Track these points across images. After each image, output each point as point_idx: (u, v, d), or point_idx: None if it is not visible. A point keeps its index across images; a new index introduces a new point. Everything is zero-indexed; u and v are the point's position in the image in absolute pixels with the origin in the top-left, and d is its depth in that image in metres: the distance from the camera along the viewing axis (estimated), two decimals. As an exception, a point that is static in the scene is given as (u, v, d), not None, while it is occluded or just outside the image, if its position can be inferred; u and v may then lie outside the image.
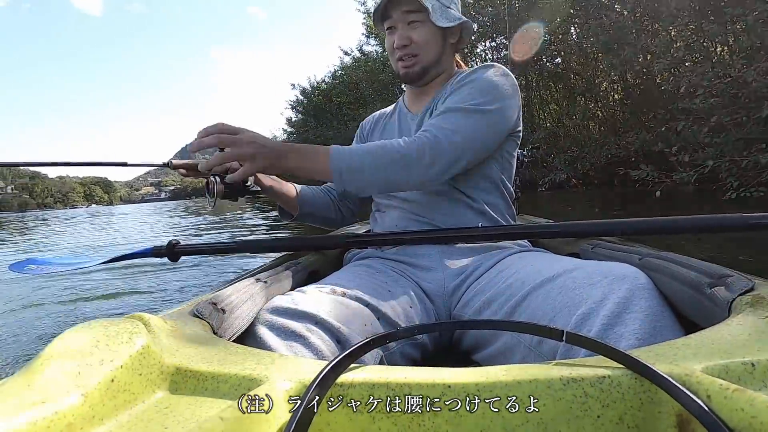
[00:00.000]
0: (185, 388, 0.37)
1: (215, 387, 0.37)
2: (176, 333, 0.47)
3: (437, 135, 0.76)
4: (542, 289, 0.62)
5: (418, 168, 0.74)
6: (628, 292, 0.52)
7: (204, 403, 0.35)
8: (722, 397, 0.28)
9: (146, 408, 0.34)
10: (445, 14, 0.87)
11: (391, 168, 0.74)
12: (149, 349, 0.38)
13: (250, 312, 0.61)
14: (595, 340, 0.36)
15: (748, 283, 0.49)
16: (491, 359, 0.68)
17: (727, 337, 0.38)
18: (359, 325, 0.63)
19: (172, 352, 0.41)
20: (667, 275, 0.59)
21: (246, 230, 6.55)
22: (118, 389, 0.34)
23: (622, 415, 0.32)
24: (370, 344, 0.40)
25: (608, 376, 0.33)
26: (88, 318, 1.13)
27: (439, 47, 0.90)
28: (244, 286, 0.66)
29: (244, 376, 0.36)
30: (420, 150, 0.74)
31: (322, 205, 1.03)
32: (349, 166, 0.74)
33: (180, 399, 0.36)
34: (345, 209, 1.07)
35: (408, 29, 0.87)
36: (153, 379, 0.37)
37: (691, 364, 0.33)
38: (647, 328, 0.49)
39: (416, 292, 0.79)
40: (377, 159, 0.74)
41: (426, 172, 0.75)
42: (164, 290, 2.82)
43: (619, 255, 0.76)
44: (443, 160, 0.76)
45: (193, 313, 0.55)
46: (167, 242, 0.88)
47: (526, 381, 0.33)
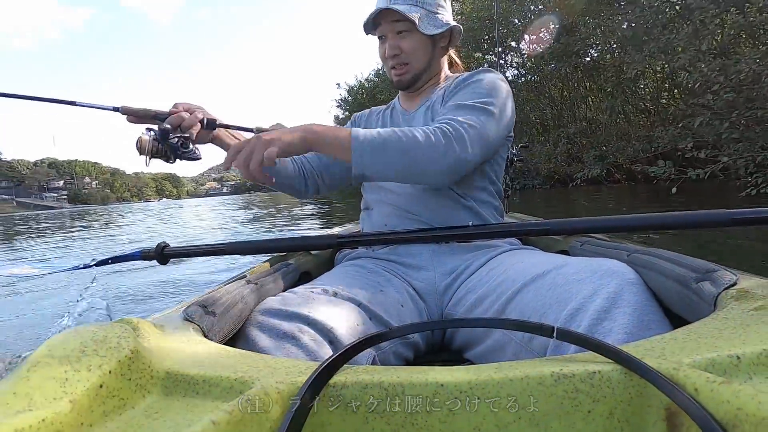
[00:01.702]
0: (176, 392, 0.37)
1: (207, 390, 0.36)
2: (166, 337, 0.46)
3: (456, 126, 0.74)
4: (532, 286, 0.62)
5: (443, 154, 0.72)
6: (617, 287, 0.53)
7: (195, 407, 0.35)
8: (709, 390, 0.29)
9: (136, 414, 0.34)
10: (433, 21, 0.88)
11: (415, 152, 0.71)
12: (138, 354, 0.37)
13: (241, 314, 0.61)
14: (585, 335, 0.37)
15: (733, 277, 0.50)
16: (483, 356, 0.69)
17: (713, 331, 0.38)
18: (351, 325, 0.63)
19: (162, 356, 0.40)
20: (655, 271, 0.60)
21: (291, 221, 6.70)
22: (107, 395, 0.34)
23: (612, 409, 0.33)
24: (363, 344, 0.40)
25: (598, 372, 0.33)
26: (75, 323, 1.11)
27: (428, 54, 0.91)
28: (234, 288, 0.66)
29: (236, 379, 0.36)
30: (445, 136, 0.72)
31: (289, 171, 0.99)
32: (372, 145, 0.70)
33: (171, 404, 0.35)
34: (312, 182, 1.03)
35: (397, 39, 0.88)
36: (143, 384, 0.37)
37: (678, 358, 0.33)
38: (636, 323, 0.50)
39: (408, 291, 0.79)
40: (401, 141, 0.71)
41: (450, 158, 0.73)
42: (153, 294, 2.78)
43: (608, 252, 0.77)
44: (463, 148, 0.74)
45: (183, 316, 0.54)
46: (156, 245, 0.87)
47: (518, 378, 0.34)
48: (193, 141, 0.82)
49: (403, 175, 0.74)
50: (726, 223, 0.58)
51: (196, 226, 8.50)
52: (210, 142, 0.88)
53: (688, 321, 0.47)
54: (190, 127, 0.80)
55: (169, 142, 0.74)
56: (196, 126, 0.81)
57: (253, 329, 0.58)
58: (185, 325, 0.52)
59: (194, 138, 0.82)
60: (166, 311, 0.60)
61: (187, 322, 0.53)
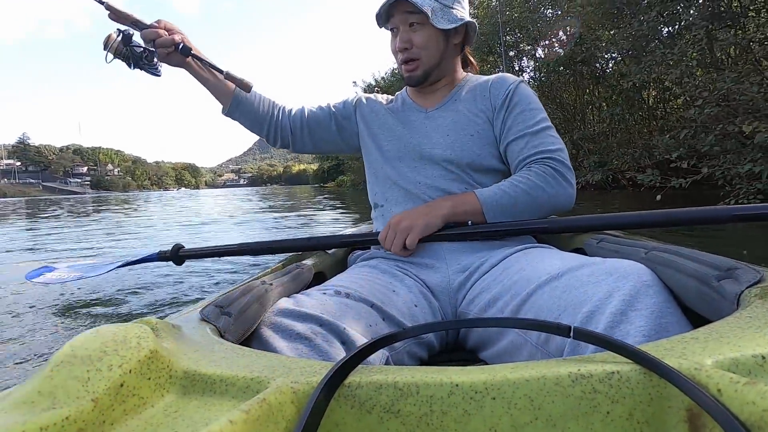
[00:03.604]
0: (194, 391, 0.38)
1: (224, 390, 0.37)
2: (184, 337, 0.47)
3: (555, 157, 0.84)
4: (548, 287, 0.62)
5: (565, 190, 0.83)
6: (634, 290, 0.52)
7: (213, 406, 0.35)
8: (733, 391, 0.28)
9: (155, 412, 0.35)
10: (447, 15, 0.87)
11: (542, 199, 0.81)
12: (157, 354, 0.38)
13: (256, 315, 0.62)
14: (602, 335, 0.36)
15: (757, 274, 0.49)
16: (498, 357, 0.68)
17: (736, 330, 0.37)
18: (364, 326, 0.63)
19: (179, 356, 0.41)
20: (674, 269, 0.58)
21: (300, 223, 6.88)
22: (127, 394, 0.34)
23: (632, 410, 0.32)
24: (377, 344, 0.40)
25: (617, 372, 0.33)
26: (96, 323, 1.14)
27: (440, 49, 0.90)
28: (249, 289, 0.67)
29: (253, 379, 0.36)
30: (558, 173, 0.83)
31: (260, 112, 1.01)
32: (502, 207, 0.81)
33: (189, 402, 0.36)
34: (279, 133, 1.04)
35: (409, 32, 0.88)
36: (161, 383, 0.37)
37: (700, 358, 0.33)
38: (653, 325, 0.49)
39: (421, 291, 0.79)
40: (528, 195, 0.81)
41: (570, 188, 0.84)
42: (171, 294, 2.83)
43: (625, 249, 0.76)
44: (570, 175, 0.85)
45: (199, 317, 0.55)
46: (171, 246, 0.88)
47: (534, 378, 0.33)
48: (160, 58, 0.86)
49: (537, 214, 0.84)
50: (728, 219, 0.59)
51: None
52: (179, 66, 0.91)
53: (709, 320, 0.46)
54: (162, 45, 0.84)
55: (133, 49, 0.78)
56: (169, 47, 0.85)
57: (267, 330, 0.58)
58: (202, 326, 0.53)
59: (162, 56, 0.86)
60: (183, 312, 0.61)
61: (204, 322, 0.54)
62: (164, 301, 2.67)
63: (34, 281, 0.95)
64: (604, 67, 11.31)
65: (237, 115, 1.00)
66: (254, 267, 3.16)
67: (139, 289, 3.03)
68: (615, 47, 9.43)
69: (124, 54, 0.78)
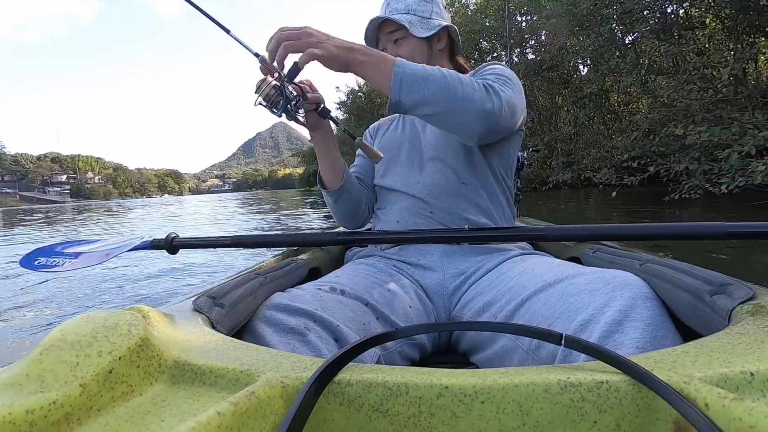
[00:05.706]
0: (183, 381, 0.37)
1: (213, 381, 0.37)
2: (175, 326, 0.47)
3: (490, 84, 0.75)
4: (543, 294, 0.62)
5: (481, 94, 0.73)
6: (630, 300, 0.52)
7: (201, 397, 0.35)
8: (720, 406, 0.28)
9: (143, 400, 0.35)
10: (425, 24, 0.93)
11: (456, 89, 0.71)
12: (148, 342, 0.38)
13: (249, 308, 0.61)
14: (593, 344, 0.36)
15: (749, 291, 0.49)
16: (489, 361, 0.68)
17: (726, 345, 0.37)
18: (358, 323, 0.63)
19: (170, 345, 0.41)
20: (667, 282, 0.58)
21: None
22: (116, 381, 0.34)
23: (619, 420, 0.32)
24: (369, 343, 0.40)
25: (606, 382, 0.33)
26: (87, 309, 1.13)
27: (425, 57, 0.94)
28: (244, 281, 0.66)
29: (242, 371, 0.36)
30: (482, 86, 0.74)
31: (358, 191, 0.99)
32: (413, 72, 0.71)
33: (177, 392, 0.36)
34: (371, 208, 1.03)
35: (395, 48, 0.94)
36: (151, 371, 0.37)
37: (689, 372, 0.33)
38: (647, 337, 0.49)
39: (416, 292, 0.79)
40: (445, 77, 0.71)
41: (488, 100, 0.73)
42: (164, 284, 2.82)
43: (620, 260, 0.76)
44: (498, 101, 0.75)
45: (192, 307, 0.55)
46: (166, 235, 0.88)
47: (524, 384, 0.33)
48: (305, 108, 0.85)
49: (440, 110, 0.72)
50: (722, 236, 0.59)
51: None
52: (312, 128, 0.89)
53: (701, 334, 0.46)
54: (313, 101, 0.83)
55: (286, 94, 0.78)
56: (313, 105, 0.84)
57: (260, 323, 0.58)
58: (194, 316, 0.52)
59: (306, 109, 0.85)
60: (175, 301, 0.61)
61: (196, 312, 0.54)
62: (156, 290, 2.66)
63: (28, 268, 0.94)
64: (571, 72, 12.23)
65: (345, 195, 0.96)
66: (248, 260, 3.15)
67: (131, 278, 3.02)
68: (578, 56, 10.46)
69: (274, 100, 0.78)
